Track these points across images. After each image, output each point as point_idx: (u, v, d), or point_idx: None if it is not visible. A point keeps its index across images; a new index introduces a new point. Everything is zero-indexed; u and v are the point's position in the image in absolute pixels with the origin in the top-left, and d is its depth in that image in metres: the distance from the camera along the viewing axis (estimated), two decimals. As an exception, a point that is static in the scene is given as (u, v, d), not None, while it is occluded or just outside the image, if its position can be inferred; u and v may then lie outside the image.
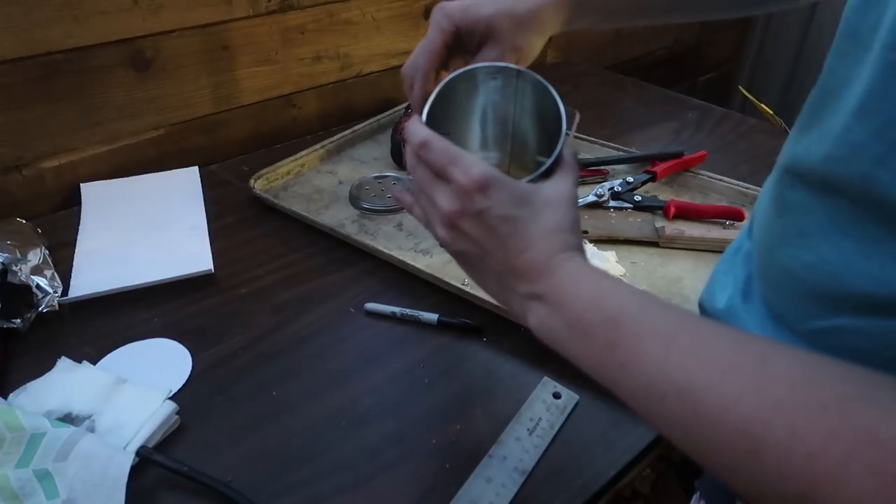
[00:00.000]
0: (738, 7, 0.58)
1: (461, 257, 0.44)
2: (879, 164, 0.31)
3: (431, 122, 0.46)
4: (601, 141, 1.02)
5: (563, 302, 0.38)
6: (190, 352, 0.66)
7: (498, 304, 0.58)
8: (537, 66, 0.53)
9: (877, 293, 0.33)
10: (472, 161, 0.41)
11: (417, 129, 0.45)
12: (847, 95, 0.34)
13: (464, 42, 0.52)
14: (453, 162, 0.41)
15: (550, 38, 0.58)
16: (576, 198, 0.43)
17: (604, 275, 0.39)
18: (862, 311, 0.34)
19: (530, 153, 0.49)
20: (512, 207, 0.40)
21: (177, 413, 0.58)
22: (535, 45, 0.53)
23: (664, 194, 0.92)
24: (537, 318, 0.40)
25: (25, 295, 0.67)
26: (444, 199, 0.42)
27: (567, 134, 0.45)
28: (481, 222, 0.40)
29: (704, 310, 0.52)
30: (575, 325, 0.38)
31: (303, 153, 0.96)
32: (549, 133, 0.46)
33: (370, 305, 0.70)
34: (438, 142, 0.43)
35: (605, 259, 0.76)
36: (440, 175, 0.42)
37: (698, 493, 0.55)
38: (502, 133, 0.51)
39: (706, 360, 0.33)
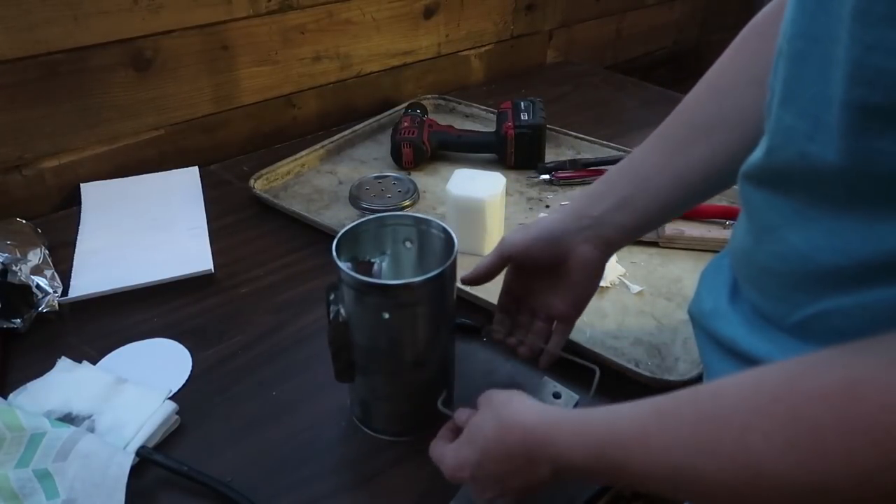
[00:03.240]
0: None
1: (510, 491, 0.47)
2: (809, 139, 0.34)
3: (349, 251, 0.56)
4: (601, 141, 1.02)
5: (570, 464, 0.43)
6: (190, 352, 0.66)
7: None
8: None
9: (846, 265, 0.35)
10: (446, 467, 0.49)
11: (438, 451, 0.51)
12: (774, 97, 0.38)
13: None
14: (452, 474, 0.49)
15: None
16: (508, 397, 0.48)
17: (570, 418, 0.44)
18: (839, 288, 0.36)
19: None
20: (474, 452, 0.47)
21: (177, 413, 0.58)
22: (589, 282, 0.59)
23: (664, 194, 0.91)
24: (571, 478, 0.45)
25: (25, 295, 0.67)
26: (483, 492, 0.48)
27: (456, 255, 0.53)
28: (485, 478, 0.47)
29: (693, 317, 0.53)
30: (590, 471, 0.42)
31: (303, 153, 0.96)
32: (442, 258, 0.55)
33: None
34: (436, 454, 0.50)
35: (605, 259, 0.76)
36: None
37: None
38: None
39: (677, 429, 0.37)
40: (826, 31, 0.33)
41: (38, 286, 0.68)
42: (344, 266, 0.51)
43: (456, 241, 0.54)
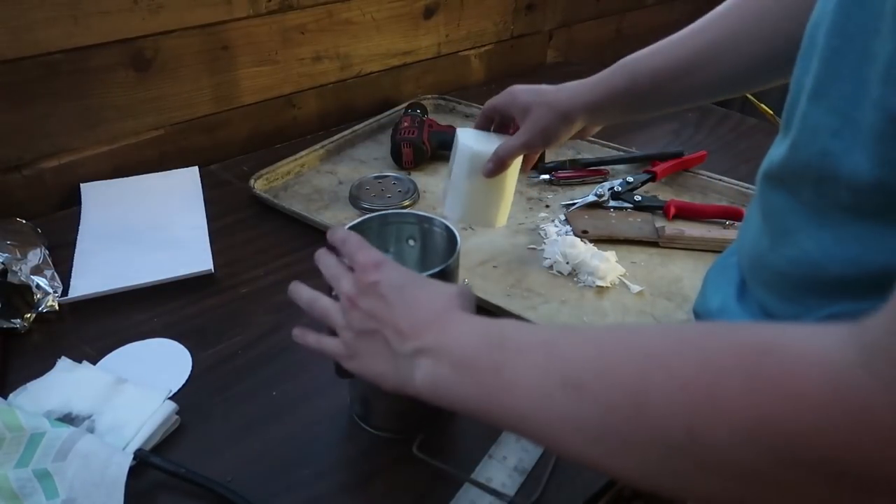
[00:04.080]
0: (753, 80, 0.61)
1: (357, 341, 0.45)
2: (835, 136, 0.34)
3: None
4: (601, 141, 1.02)
5: (449, 347, 0.39)
6: (190, 352, 0.66)
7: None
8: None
9: (856, 275, 0.35)
10: (376, 252, 0.46)
11: (341, 230, 0.50)
12: (803, 91, 0.38)
13: (510, 114, 0.68)
14: (362, 248, 0.46)
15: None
16: (462, 289, 0.46)
17: (493, 319, 0.41)
18: (849, 296, 0.36)
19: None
20: (401, 279, 0.44)
21: (177, 413, 0.58)
22: (563, 130, 0.65)
23: (664, 194, 0.92)
24: (423, 373, 0.40)
25: (25, 295, 0.67)
26: (347, 284, 0.45)
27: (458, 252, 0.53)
28: (375, 295, 0.43)
29: (697, 315, 0.52)
30: (460, 364, 0.38)
31: (303, 153, 0.96)
32: (444, 256, 0.56)
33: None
34: (355, 237, 0.48)
35: (605, 259, 0.76)
36: (349, 264, 0.47)
37: None
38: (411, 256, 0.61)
39: (584, 346, 0.34)
40: (864, 28, 0.32)
41: (38, 286, 0.68)
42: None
43: (458, 238, 0.54)
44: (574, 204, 0.88)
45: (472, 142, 0.68)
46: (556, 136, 0.65)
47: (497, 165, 0.66)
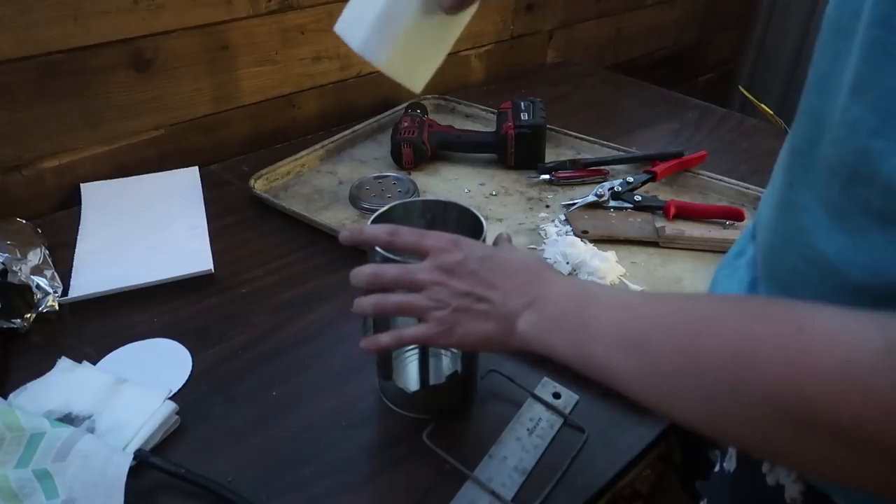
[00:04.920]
0: None
1: (454, 315, 0.46)
2: (875, 134, 0.33)
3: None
4: (601, 141, 1.02)
5: (549, 302, 0.44)
6: (190, 352, 0.66)
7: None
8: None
9: (875, 284, 0.34)
10: (435, 231, 0.48)
11: (377, 227, 0.50)
12: (838, 81, 0.36)
13: None
14: (423, 235, 0.48)
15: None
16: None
17: (582, 280, 0.46)
18: (868, 303, 0.34)
19: None
20: (482, 250, 0.47)
21: (177, 413, 0.58)
22: None
23: (664, 194, 0.92)
24: (526, 323, 0.44)
25: (25, 295, 0.67)
26: (426, 273, 0.47)
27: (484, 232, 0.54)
28: (465, 272, 0.46)
29: None
30: (556, 318, 0.43)
31: (303, 153, 0.96)
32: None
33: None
34: (403, 228, 0.49)
35: (605, 259, 0.76)
36: (415, 252, 0.48)
37: (705, 500, 0.55)
38: None
39: (656, 309, 0.40)
40: None
41: (38, 286, 0.68)
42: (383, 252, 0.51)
43: (485, 224, 0.54)
44: (574, 204, 0.88)
45: None
46: None
47: None
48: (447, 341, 0.47)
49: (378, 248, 0.51)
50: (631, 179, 0.91)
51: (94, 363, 0.63)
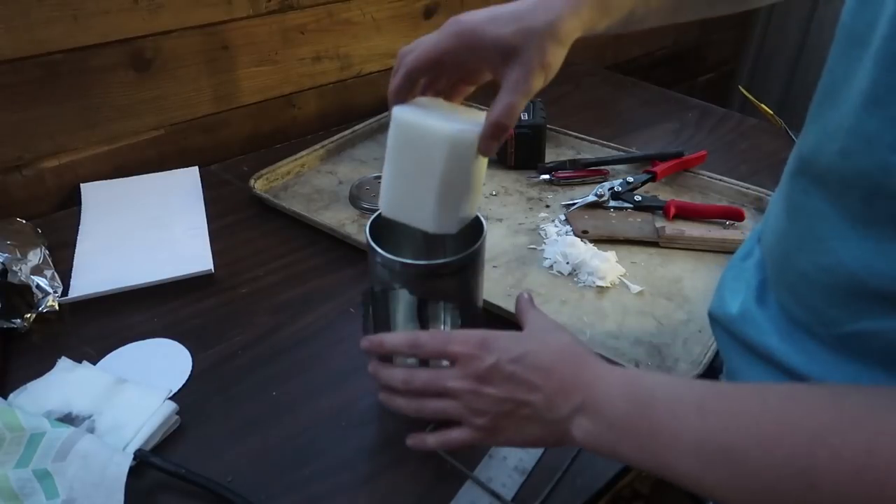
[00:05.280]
0: None
1: (495, 422, 0.43)
2: (894, 150, 0.32)
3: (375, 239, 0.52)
4: (601, 141, 1.02)
5: (602, 405, 0.39)
6: (190, 352, 0.66)
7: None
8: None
9: None
10: (460, 332, 0.44)
11: (397, 337, 0.47)
12: (852, 91, 0.35)
13: (471, 63, 0.49)
14: (446, 341, 0.44)
15: None
16: (556, 322, 0.47)
17: (629, 369, 0.42)
18: (885, 311, 0.34)
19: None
20: (514, 347, 0.42)
21: (177, 413, 0.58)
22: (560, 56, 0.48)
23: (664, 194, 0.92)
24: (583, 431, 0.40)
25: (25, 295, 0.67)
26: (457, 382, 0.43)
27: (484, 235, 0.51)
28: (500, 377, 0.42)
29: (715, 318, 0.51)
30: (617, 424, 0.39)
31: (303, 153, 0.96)
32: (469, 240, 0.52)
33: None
34: (422, 335, 0.45)
35: (605, 259, 0.76)
36: (440, 357, 0.44)
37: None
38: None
39: (739, 415, 0.35)
40: None
41: (38, 286, 0.68)
42: (393, 255, 0.50)
43: (484, 223, 0.53)
44: (574, 204, 0.88)
45: (434, 121, 0.47)
46: (555, 69, 0.49)
47: (498, 137, 0.48)
48: (495, 443, 0.45)
49: (379, 250, 0.51)
50: (631, 179, 0.91)
51: (94, 363, 0.63)
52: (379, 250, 0.51)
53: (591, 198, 0.88)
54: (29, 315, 0.67)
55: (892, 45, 0.32)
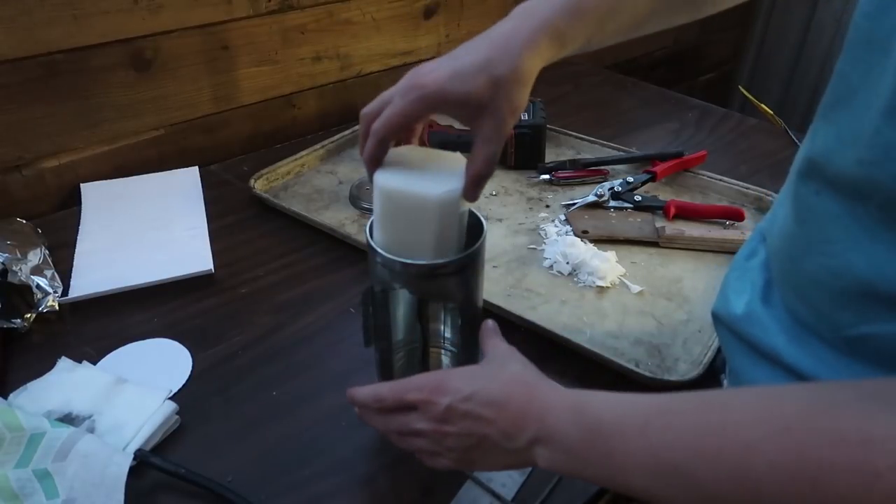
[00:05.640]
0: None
1: (465, 454, 0.45)
2: None
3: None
4: (601, 141, 1.02)
5: (555, 435, 0.40)
6: (190, 352, 0.66)
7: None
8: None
9: None
10: (414, 379, 0.46)
11: (365, 392, 0.48)
12: (868, 98, 0.34)
13: (443, 109, 0.49)
14: (403, 391, 0.46)
15: None
16: (515, 351, 0.48)
17: (575, 393, 0.42)
18: (893, 314, 0.34)
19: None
20: (465, 386, 0.44)
21: (177, 413, 0.58)
22: (526, 95, 0.49)
23: (664, 194, 0.92)
24: (545, 459, 0.41)
25: (25, 295, 0.67)
26: (422, 424, 0.45)
27: (484, 235, 0.51)
28: (456, 416, 0.43)
29: (719, 318, 0.51)
30: (573, 452, 0.40)
31: (303, 153, 0.96)
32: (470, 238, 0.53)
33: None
34: (382, 389, 0.47)
35: (605, 259, 0.76)
36: (406, 409, 0.46)
37: None
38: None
39: (681, 431, 0.36)
40: None
41: (38, 286, 0.68)
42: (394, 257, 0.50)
43: (484, 222, 0.53)
44: (574, 204, 0.88)
45: (418, 185, 0.48)
46: (523, 108, 0.49)
47: (481, 185, 0.48)
48: (474, 469, 0.48)
49: (379, 250, 0.51)
50: (631, 179, 0.91)
51: (94, 363, 0.63)
52: (379, 250, 0.51)
53: (591, 198, 0.88)
54: (29, 315, 0.67)
55: None
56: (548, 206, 0.90)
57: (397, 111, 0.47)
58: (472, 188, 0.47)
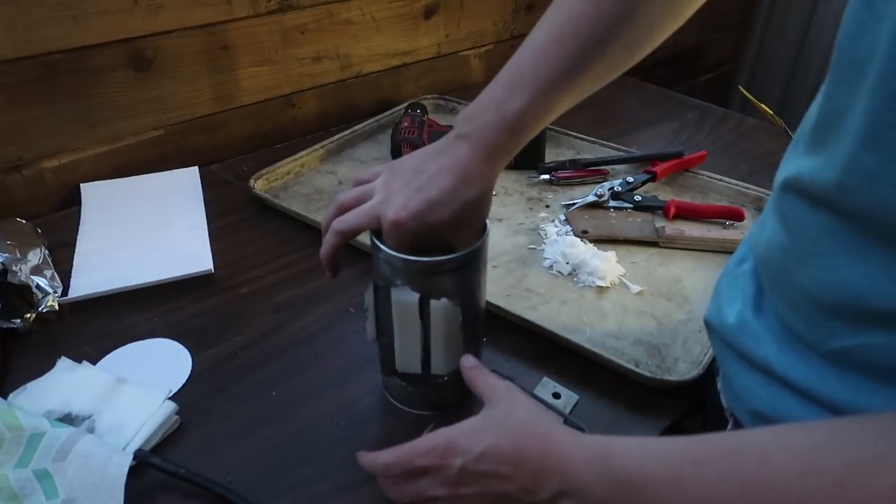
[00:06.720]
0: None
1: None
2: None
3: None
4: (601, 141, 1.02)
5: (581, 490, 0.39)
6: (190, 352, 0.66)
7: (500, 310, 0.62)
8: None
9: None
10: (420, 443, 0.44)
11: (375, 459, 0.47)
12: (849, 122, 0.34)
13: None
14: (411, 458, 0.44)
15: None
16: (514, 389, 0.47)
17: (595, 441, 0.41)
18: (889, 328, 0.34)
19: None
20: (475, 444, 0.42)
21: (177, 413, 0.58)
22: (491, 200, 0.55)
23: (664, 194, 0.92)
24: None
25: (25, 295, 0.67)
26: (436, 490, 0.44)
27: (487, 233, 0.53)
28: (470, 477, 0.42)
29: (712, 327, 0.51)
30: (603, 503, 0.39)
31: (303, 153, 0.96)
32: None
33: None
34: (388, 457, 0.46)
35: (605, 259, 0.76)
36: (417, 475, 0.45)
37: None
38: None
39: (718, 486, 0.34)
40: None
41: (38, 286, 0.68)
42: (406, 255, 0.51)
43: (486, 224, 0.54)
44: (574, 204, 0.88)
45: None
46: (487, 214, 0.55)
47: None
48: None
49: (381, 245, 0.51)
50: (631, 179, 0.91)
51: (94, 363, 0.63)
52: (381, 246, 0.51)
53: (591, 198, 0.88)
54: (29, 315, 0.67)
55: (888, 82, 0.31)
56: (548, 206, 0.90)
57: (390, 239, 0.51)
58: None
